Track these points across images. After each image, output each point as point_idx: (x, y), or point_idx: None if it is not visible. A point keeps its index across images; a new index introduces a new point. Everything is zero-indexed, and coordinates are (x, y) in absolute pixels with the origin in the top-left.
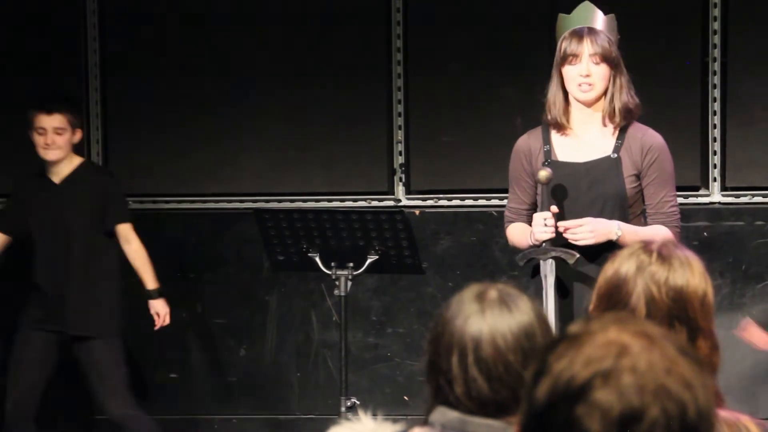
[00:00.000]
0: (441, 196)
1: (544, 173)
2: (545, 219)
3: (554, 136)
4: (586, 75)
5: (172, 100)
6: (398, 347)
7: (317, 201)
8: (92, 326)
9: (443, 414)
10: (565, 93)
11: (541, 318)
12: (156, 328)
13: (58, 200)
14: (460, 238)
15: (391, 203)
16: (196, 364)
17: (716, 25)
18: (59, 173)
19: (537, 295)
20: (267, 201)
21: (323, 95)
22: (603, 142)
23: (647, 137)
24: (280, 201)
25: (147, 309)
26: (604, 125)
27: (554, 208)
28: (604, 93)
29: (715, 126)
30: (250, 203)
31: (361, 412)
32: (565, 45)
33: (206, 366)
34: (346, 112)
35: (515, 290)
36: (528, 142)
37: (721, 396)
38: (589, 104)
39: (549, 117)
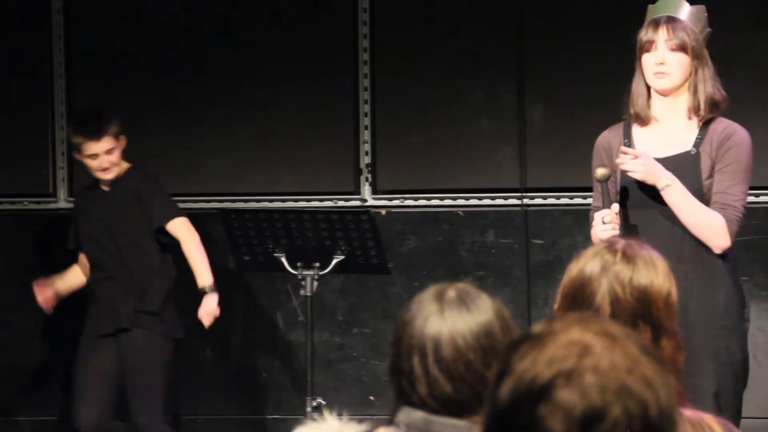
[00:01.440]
0: (407, 196)
1: (600, 171)
2: (603, 217)
3: (635, 130)
4: (660, 63)
5: (137, 100)
6: (364, 347)
7: (283, 201)
8: (140, 322)
9: (408, 414)
10: (647, 85)
11: (501, 316)
12: (206, 326)
13: (106, 208)
14: (426, 238)
15: (358, 203)
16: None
17: None
18: (108, 182)
19: None
20: (233, 201)
21: (289, 95)
22: (685, 136)
23: (729, 129)
24: (246, 201)
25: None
26: (689, 118)
27: (616, 207)
28: (687, 85)
29: None
30: (216, 203)
31: (326, 412)
32: (642, 33)
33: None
34: (312, 111)
35: (474, 289)
36: (608, 138)
37: (685, 395)
38: (666, 94)
39: (632, 110)
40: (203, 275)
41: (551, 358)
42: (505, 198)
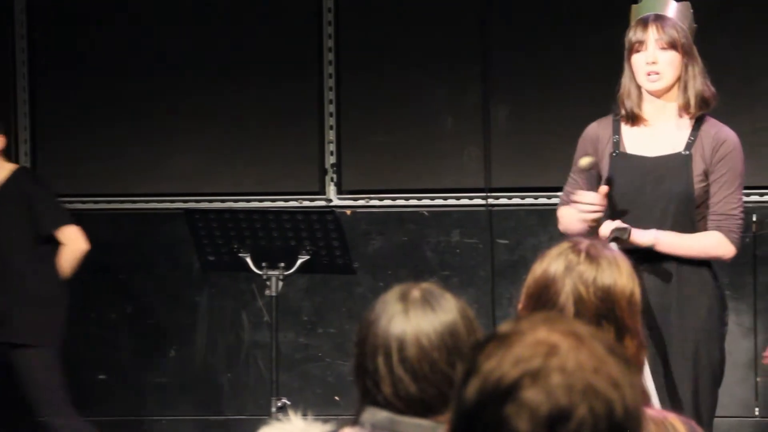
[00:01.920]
0: (372, 196)
1: (585, 160)
2: (586, 197)
3: (625, 128)
4: (652, 62)
5: (101, 100)
6: (329, 347)
7: (248, 201)
8: (30, 335)
9: (373, 414)
10: (638, 85)
11: (466, 316)
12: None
13: None
14: (391, 238)
15: (323, 203)
16: (126, 366)
17: None
18: None
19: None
20: (197, 201)
21: (254, 95)
22: (677, 136)
23: (721, 133)
24: (210, 201)
25: (74, 310)
26: (680, 116)
27: (603, 188)
28: (677, 83)
29: None
30: (181, 203)
31: (291, 413)
32: (631, 34)
33: (136, 367)
34: (277, 111)
35: (439, 289)
36: (597, 130)
37: (648, 394)
38: (659, 95)
39: (623, 111)
40: (66, 271)
41: (518, 357)
42: (470, 198)
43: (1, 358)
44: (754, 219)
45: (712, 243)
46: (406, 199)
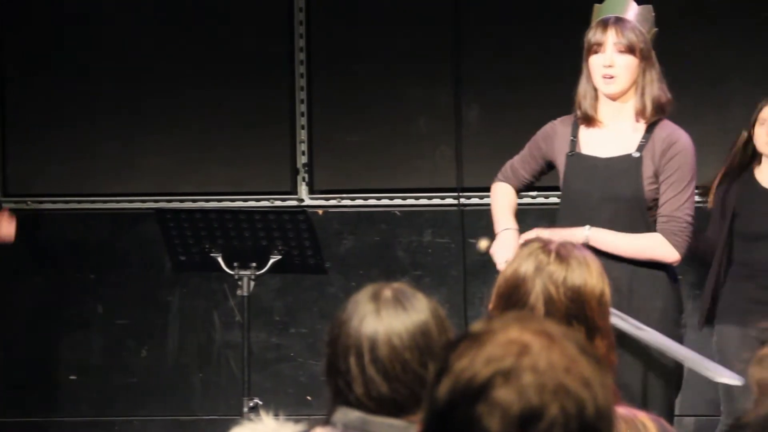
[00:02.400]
0: (344, 195)
1: (484, 243)
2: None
3: (582, 129)
4: (608, 65)
5: (71, 99)
6: (301, 347)
7: (219, 201)
8: None
9: (345, 414)
10: (595, 86)
11: (438, 316)
12: None
13: None
14: (363, 238)
15: (294, 203)
16: (97, 366)
17: None
18: None
19: None
20: (168, 201)
21: (225, 94)
22: (630, 138)
23: (673, 135)
24: (181, 201)
25: (45, 310)
26: (636, 121)
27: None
28: (635, 87)
29: None
30: (152, 203)
31: (263, 413)
32: (590, 35)
33: (107, 367)
34: (248, 111)
35: (411, 289)
36: (556, 128)
37: (618, 393)
38: (615, 97)
39: (579, 111)
40: None
41: (489, 357)
42: (442, 198)
43: None
44: None
45: (650, 244)
46: (378, 198)
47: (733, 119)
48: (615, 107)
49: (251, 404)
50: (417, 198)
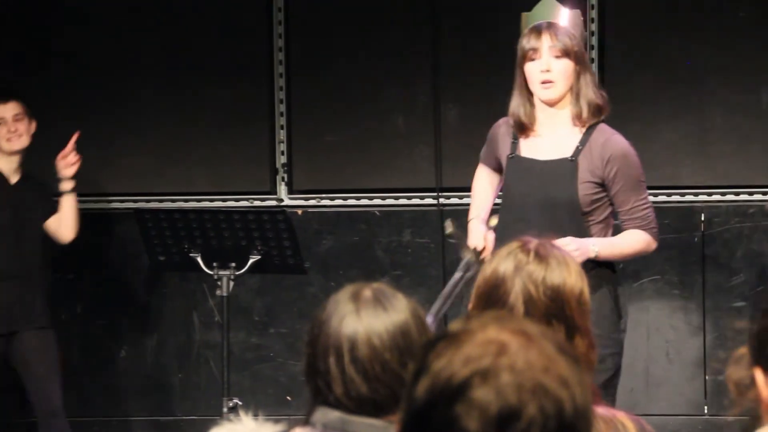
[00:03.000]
0: (324, 195)
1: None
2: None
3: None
4: (546, 70)
5: (50, 98)
6: (281, 347)
7: (199, 201)
8: (36, 319)
9: (324, 414)
10: (530, 93)
11: (417, 316)
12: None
13: (14, 200)
14: (342, 237)
15: (274, 203)
16: (76, 366)
17: None
18: (14, 171)
19: None
20: (148, 201)
21: (205, 94)
22: (568, 142)
23: (609, 144)
24: (161, 201)
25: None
26: (573, 125)
27: (490, 236)
28: (570, 91)
29: None
30: (131, 203)
31: (242, 413)
32: (524, 42)
33: (86, 367)
34: (227, 111)
35: (390, 289)
36: (501, 127)
37: (598, 393)
38: (552, 104)
39: (512, 121)
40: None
41: (468, 356)
42: (421, 198)
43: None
44: (703, 218)
45: (645, 243)
46: (357, 198)
47: (711, 120)
48: (551, 113)
49: (231, 404)
50: (396, 198)
